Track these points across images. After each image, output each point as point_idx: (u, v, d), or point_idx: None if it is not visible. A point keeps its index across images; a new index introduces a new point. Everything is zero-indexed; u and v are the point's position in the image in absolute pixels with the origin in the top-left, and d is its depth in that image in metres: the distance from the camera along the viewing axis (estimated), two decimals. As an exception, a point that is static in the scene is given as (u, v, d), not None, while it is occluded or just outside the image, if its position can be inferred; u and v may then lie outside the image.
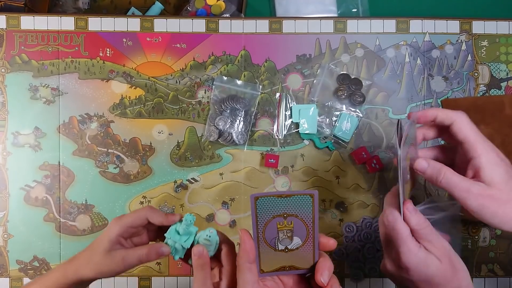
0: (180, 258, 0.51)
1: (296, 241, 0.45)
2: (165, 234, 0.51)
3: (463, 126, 0.48)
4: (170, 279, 0.75)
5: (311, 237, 0.44)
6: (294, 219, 0.44)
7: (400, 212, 0.47)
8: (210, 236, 0.49)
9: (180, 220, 0.51)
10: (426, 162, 0.49)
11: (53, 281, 0.52)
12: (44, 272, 0.75)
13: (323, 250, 0.45)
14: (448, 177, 0.47)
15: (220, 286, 0.46)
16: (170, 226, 0.51)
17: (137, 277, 0.75)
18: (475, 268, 0.76)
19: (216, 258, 0.50)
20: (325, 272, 0.43)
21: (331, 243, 0.45)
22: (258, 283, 0.44)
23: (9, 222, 0.75)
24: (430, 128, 0.53)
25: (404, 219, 0.47)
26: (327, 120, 0.75)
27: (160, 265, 0.75)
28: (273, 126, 0.76)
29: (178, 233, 0.50)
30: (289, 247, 0.45)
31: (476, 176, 0.47)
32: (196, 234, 0.51)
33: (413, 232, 0.47)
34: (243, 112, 0.74)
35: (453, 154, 0.53)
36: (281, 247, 0.45)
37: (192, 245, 0.50)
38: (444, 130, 0.51)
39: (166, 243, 0.51)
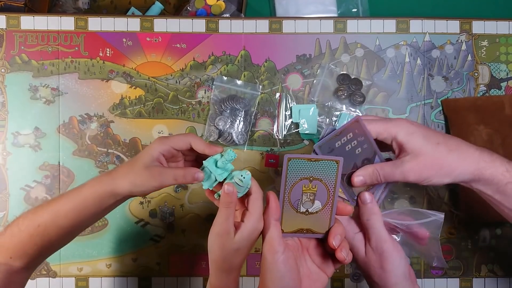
0: (209, 188, 0.52)
1: (317, 204, 0.49)
2: (203, 161, 0.52)
3: (369, 126, 0.50)
4: (170, 279, 0.75)
5: (331, 202, 0.49)
6: (318, 183, 0.48)
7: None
8: (244, 178, 0.50)
9: (221, 154, 0.52)
10: (362, 177, 0.51)
11: (89, 188, 0.53)
12: (44, 272, 0.75)
13: (340, 214, 0.51)
14: (383, 171, 0.50)
15: (241, 227, 0.49)
16: (209, 156, 0.52)
17: (137, 277, 0.75)
18: (475, 268, 0.76)
19: (241, 200, 0.52)
20: (337, 236, 0.48)
21: (348, 208, 0.51)
22: (283, 239, 0.49)
23: (9, 222, 0.74)
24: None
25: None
26: (327, 120, 0.75)
27: (160, 265, 0.75)
28: (273, 126, 0.76)
29: (216, 165, 0.51)
30: (309, 210, 0.49)
31: (402, 152, 0.50)
32: (231, 172, 0.52)
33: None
34: (243, 112, 0.74)
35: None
36: (302, 209, 0.49)
37: (224, 180, 0.51)
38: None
39: (203, 170, 0.52)
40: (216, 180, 0.51)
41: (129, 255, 0.75)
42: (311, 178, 0.48)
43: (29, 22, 0.75)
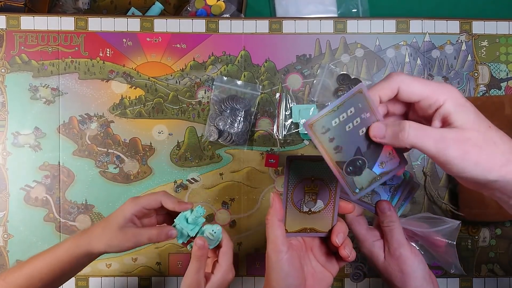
0: (183, 242, 0.55)
1: (319, 204, 0.49)
2: (175, 220, 0.55)
3: (411, 86, 0.40)
4: (170, 279, 0.75)
5: (332, 201, 0.48)
6: (320, 183, 0.47)
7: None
8: (215, 232, 0.53)
9: (191, 209, 0.55)
10: (383, 124, 0.40)
11: (65, 250, 0.55)
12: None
13: (342, 212, 0.50)
14: (416, 129, 0.38)
15: (211, 279, 0.52)
16: (180, 212, 0.55)
17: (137, 277, 0.75)
18: (475, 268, 0.76)
19: (214, 250, 0.55)
20: (340, 234, 0.48)
21: (350, 206, 0.50)
22: (286, 238, 0.49)
23: (9, 222, 0.75)
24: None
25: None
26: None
27: (160, 265, 0.75)
28: (273, 126, 0.76)
29: (187, 221, 0.54)
30: (312, 209, 0.49)
31: (445, 125, 0.39)
32: (202, 225, 0.55)
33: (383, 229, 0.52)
34: (243, 112, 0.74)
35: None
36: (305, 209, 0.49)
37: (197, 234, 0.54)
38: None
39: (174, 227, 0.55)
40: (189, 235, 0.54)
41: (129, 255, 0.75)
42: (312, 178, 0.48)
43: (29, 22, 0.75)
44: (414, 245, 0.55)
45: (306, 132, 0.41)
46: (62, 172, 0.75)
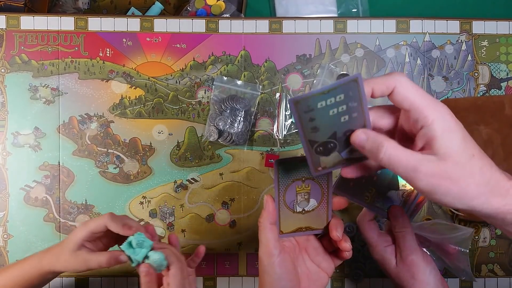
0: (137, 265, 0.55)
1: (312, 203, 0.49)
2: (120, 246, 0.55)
3: (407, 90, 0.38)
4: (170, 279, 0.75)
5: (325, 198, 0.48)
6: (311, 182, 0.47)
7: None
8: (155, 261, 0.54)
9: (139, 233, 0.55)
10: (365, 135, 0.39)
11: (30, 266, 0.59)
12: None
13: (336, 208, 0.49)
14: (391, 153, 0.37)
15: None
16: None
17: (137, 277, 0.75)
18: (475, 268, 0.76)
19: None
20: (338, 229, 0.48)
21: (342, 201, 0.49)
22: (279, 241, 0.49)
23: (9, 222, 0.75)
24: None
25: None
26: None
27: (160, 265, 0.75)
28: (273, 126, 0.75)
29: (132, 246, 0.54)
30: (305, 208, 0.49)
31: (427, 148, 0.38)
32: (150, 248, 0.55)
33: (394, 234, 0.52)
34: (243, 112, 0.74)
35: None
36: (298, 209, 0.49)
37: (145, 258, 0.55)
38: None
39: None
40: (137, 260, 0.55)
41: (129, 255, 0.75)
42: (303, 178, 0.48)
43: (29, 22, 0.75)
44: (426, 250, 0.55)
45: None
46: (62, 172, 0.75)
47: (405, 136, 0.40)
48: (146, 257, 0.54)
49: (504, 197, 0.38)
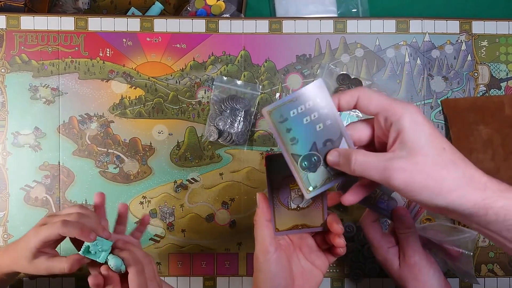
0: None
1: (307, 199, 0.48)
2: (79, 253, 0.54)
3: (370, 95, 0.40)
4: (170, 279, 0.75)
5: (320, 195, 0.46)
6: None
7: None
8: (115, 265, 0.53)
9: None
10: (337, 152, 0.41)
11: None
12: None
13: (331, 204, 0.49)
14: (360, 160, 0.39)
15: None
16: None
17: (137, 277, 0.75)
18: (475, 268, 0.76)
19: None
20: (339, 223, 0.47)
21: (337, 196, 0.48)
22: (274, 239, 0.48)
23: (9, 222, 0.75)
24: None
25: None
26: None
27: (160, 265, 0.75)
28: (273, 126, 0.75)
29: (89, 251, 0.54)
30: (300, 205, 0.48)
31: (398, 143, 0.38)
32: (110, 250, 0.54)
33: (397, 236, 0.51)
34: (243, 112, 0.74)
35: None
36: (293, 205, 0.48)
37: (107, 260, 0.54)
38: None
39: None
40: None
41: (129, 255, 0.75)
42: None
43: (29, 22, 0.75)
44: (429, 252, 0.55)
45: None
46: (62, 172, 0.75)
47: (384, 145, 0.41)
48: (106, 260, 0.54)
49: (483, 191, 0.37)
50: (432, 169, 0.37)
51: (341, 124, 0.41)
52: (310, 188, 0.42)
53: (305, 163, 0.41)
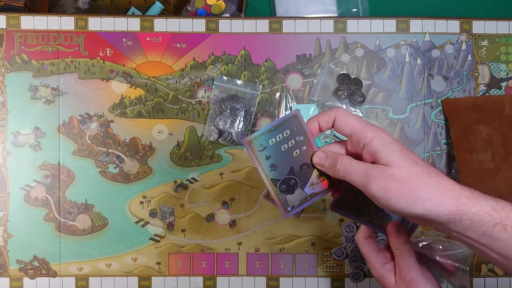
0: None
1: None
2: None
3: (346, 118, 0.44)
4: (170, 279, 0.75)
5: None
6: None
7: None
8: None
9: None
10: (324, 153, 0.46)
11: None
12: (44, 272, 0.75)
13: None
14: (346, 163, 0.43)
15: None
16: None
17: (137, 277, 0.75)
18: (475, 268, 0.76)
19: None
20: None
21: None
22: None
23: (9, 222, 0.75)
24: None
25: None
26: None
27: (160, 265, 0.75)
28: (273, 126, 0.75)
29: None
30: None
31: (374, 162, 0.43)
32: None
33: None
34: (243, 112, 0.74)
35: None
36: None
37: None
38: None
39: None
40: None
41: (129, 255, 0.75)
42: None
43: (29, 22, 0.75)
44: (425, 266, 0.54)
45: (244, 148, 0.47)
46: (62, 171, 0.75)
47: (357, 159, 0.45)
48: None
49: (457, 199, 0.40)
50: (407, 179, 0.40)
51: (316, 149, 0.46)
52: (289, 208, 0.46)
53: (283, 186, 0.46)
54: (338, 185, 0.48)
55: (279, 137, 0.45)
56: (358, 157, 0.45)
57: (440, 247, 0.55)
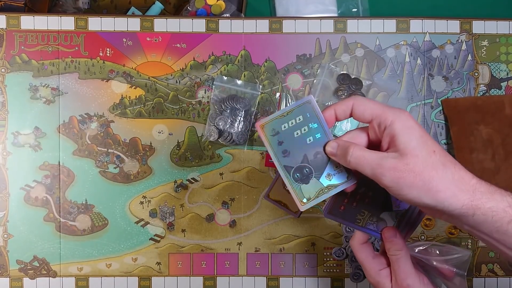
0: None
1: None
2: None
3: (364, 103, 0.43)
4: (170, 279, 0.75)
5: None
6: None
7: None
8: None
9: None
10: (336, 143, 0.44)
11: None
12: (44, 272, 0.75)
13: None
14: (357, 154, 0.42)
15: None
16: None
17: (137, 277, 0.75)
18: (475, 268, 0.76)
19: None
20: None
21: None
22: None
23: (9, 222, 0.75)
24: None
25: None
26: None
27: (160, 265, 0.75)
28: (273, 126, 0.75)
29: None
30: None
31: (391, 146, 0.42)
32: None
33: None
34: (243, 112, 0.74)
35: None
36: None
37: None
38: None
39: None
40: None
41: (129, 255, 0.75)
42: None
43: (29, 22, 0.75)
44: (422, 271, 0.53)
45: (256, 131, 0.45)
46: (62, 172, 0.75)
47: (378, 149, 0.44)
48: None
49: (472, 193, 0.39)
50: (421, 169, 0.39)
51: (330, 137, 0.44)
52: (304, 200, 0.44)
53: (298, 174, 0.44)
54: (357, 177, 0.46)
55: (292, 123, 0.44)
56: (380, 143, 0.43)
57: (437, 251, 0.55)
